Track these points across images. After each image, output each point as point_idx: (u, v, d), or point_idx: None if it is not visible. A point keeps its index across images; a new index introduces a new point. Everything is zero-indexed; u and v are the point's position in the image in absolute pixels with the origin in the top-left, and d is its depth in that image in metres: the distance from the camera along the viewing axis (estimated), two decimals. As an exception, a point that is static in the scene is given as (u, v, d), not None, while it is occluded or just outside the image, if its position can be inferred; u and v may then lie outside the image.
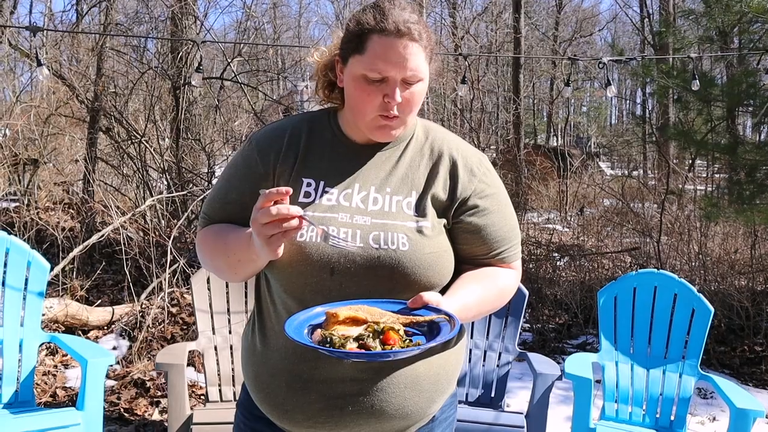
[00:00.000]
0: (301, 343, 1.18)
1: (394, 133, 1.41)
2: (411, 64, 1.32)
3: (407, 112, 1.38)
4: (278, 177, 1.42)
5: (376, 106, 1.35)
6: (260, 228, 1.22)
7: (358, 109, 1.38)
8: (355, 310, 1.23)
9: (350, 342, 1.18)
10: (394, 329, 1.20)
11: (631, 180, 11.87)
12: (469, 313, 1.36)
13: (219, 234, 1.43)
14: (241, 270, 1.39)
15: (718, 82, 7.96)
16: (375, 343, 1.19)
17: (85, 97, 7.32)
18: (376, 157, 1.44)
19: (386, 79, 1.33)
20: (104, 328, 4.79)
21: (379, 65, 1.32)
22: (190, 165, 7.75)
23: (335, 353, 1.17)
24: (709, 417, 4.07)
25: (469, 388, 3.33)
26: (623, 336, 3.32)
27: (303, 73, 16.08)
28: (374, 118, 1.37)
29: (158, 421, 3.57)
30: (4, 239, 3.13)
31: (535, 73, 22.24)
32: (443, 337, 1.19)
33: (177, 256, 4.94)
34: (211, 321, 3.26)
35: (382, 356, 1.17)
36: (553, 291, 6.10)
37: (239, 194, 1.44)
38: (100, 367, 2.80)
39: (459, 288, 1.38)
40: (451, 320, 1.23)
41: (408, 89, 1.35)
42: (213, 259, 1.45)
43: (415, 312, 1.27)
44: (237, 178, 1.46)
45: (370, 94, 1.34)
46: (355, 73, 1.35)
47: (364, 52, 1.33)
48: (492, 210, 1.44)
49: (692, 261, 6.44)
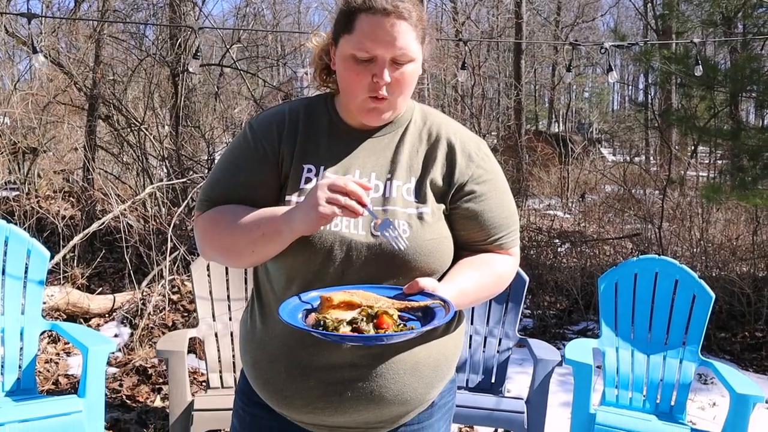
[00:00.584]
0: (294, 326, 1.17)
1: (384, 117, 1.39)
2: (399, 43, 1.31)
3: (397, 94, 1.36)
4: (282, 161, 1.41)
5: (365, 87, 1.34)
6: (326, 191, 1.21)
7: (348, 90, 1.37)
8: (350, 295, 1.23)
9: (344, 325, 1.18)
10: (388, 313, 1.20)
11: (632, 166, 11.85)
12: (466, 299, 1.36)
13: (235, 212, 1.37)
14: (261, 247, 1.33)
15: (721, 67, 7.92)
16: (368, 327, 1.18)
17: (83, 85, 7.29)
18: (375, 143, 1.43)
19: (375, 59, 1.32)
20: (105, 316, 4.79)
21: (367, 44, 1.31)
22: (190, 152, 7.73)
23: (328, 336, 1.17)
24: (710, 402, 4.08)
25: (470, 374, 3.33)
26: (624, 322, 3.32)
27: (303, 59, 16.00)
28: (364, 100, 1.35)
29: (160, 407, 3.59)
30: (3, 228, 3.13)
31: (537, 58, 22.12)
32: (438, 322, 1.19)
33: (177, 243, 4.93)
34: (211, 308, 3.27)
35: (374, 339, 1.17)
36: (554, 277, 6.10)
37: (247, 176, 1.41)
38: (101, 355, 2.80)
39: (456, 274, 1.37)
40: (446, 305, 1.22)
41: (398, 69, 1.33)
42: (224, 238, 1.37)
43: (410, 297, 1.26)
44: (243, 160, 1.42)
45: (359, 74, 1.33)
46: (345, 53, 1.34)
47: (353, 31, 1.32)
48: (490, 196, 1.43)
49: (694, 247, 6.43)
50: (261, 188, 1.40)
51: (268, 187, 1.39)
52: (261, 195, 1.39)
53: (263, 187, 1.40)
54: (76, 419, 2.70)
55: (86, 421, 2.72)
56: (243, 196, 1.40)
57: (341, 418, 1.36)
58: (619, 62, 25.10)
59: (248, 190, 1.40)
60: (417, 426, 1.44)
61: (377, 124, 1.41)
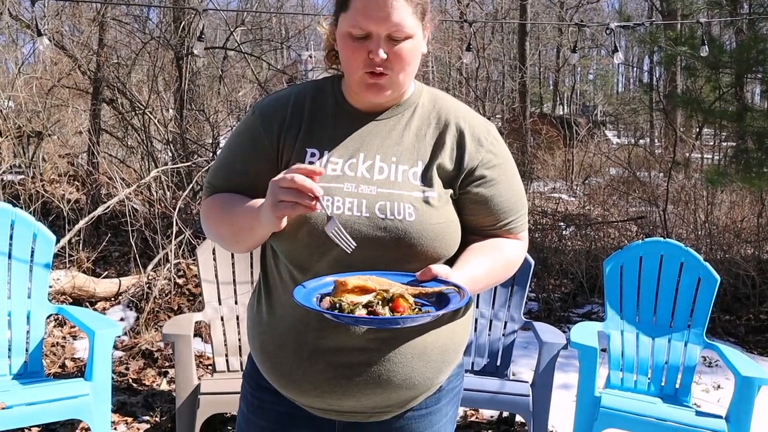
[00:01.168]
0: (310, 308, 1.17)
1: (386, 93, 1.37)
2: (394, 19, 1.29)
3: (397, 70, 1.35)
4: (283, 147, 1.40)
5: (362, 63, 1.33)
6: (276, 190, 1.21)
7: (347, 67, 1.36)
8: (364, 280, 1.22)
9: (359, 309, 1.17)
10: (404, 297, 1.20)
11: (637, 149, 11.81)
12: (477, 285, 1.35)
13: (225, 202, 1.42)
14: (243, 239, 1.38)
15: (727, 48, 7.85)
16: (384, 310, 1.18)
17: (87, 68, 7.27)
18: (381, 125, 1.42)
19: (369, 35, 1.31)
20: (111, 300, 4.81)
21: (361, 21, 1.30)
22: (195, 136, 7.72)
23: (344, 318, 1.16)
24: (714, 385, 4.09)
25: (475, 357, 3.34)
26: (629, 305, 3.33)
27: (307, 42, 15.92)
28: (362, 76, 1.34)
29: (166, 391, 3.61)
30: (9, 211, 3.14)
31: (541, 40, 21.99)
32: (454, 306, 1.18)
33: (182, 227, 4.94)
34: (217, 291, 3.28)
35: (391, 322, 1.17)
36: (559, 260, 6.10)
37: (244, 164, 1.42)
38: (107, 339, 2.82)
39: (467, 260, 1.37)
40: (460, 291, 1.22)
41: (395, 45, 1.32)
42: (217, 227, 1.43)
43: (423, 284, 1.26)
44: (241, 148, 1.44)
45: (354, 51, 1.32)
46: (342, 31, 1.34)
47: (348, 9, 1.32)
48: (499, 180, 1.43)
49: (698, 230, 6.42)
50: (256, 177, 1.40)
51: (264, 176, 1.37)
52: (258, 182, 1.39)
53: (259, 176, 1.39)
54: (82, 402, 2.72)
55: (93, 404, 2.75)
56: (240, 183, 1.42)
57: (349, 402, 1.36)
58: (624, 43, 24.92)
59: (245, 177, 1.42)
60: (425, 410, 1.44)
61: (379, 100, 1.40)
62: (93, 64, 7.35)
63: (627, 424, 2.84)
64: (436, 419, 1.47)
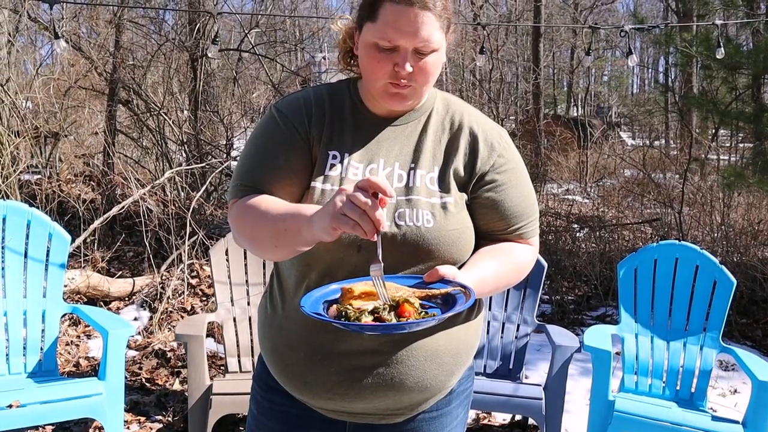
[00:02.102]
0: (316, 317, 1.17)
1: (408, 103, 1.38)
2: (423, 34, 1.29)
3: (421, 82, 1.35)
4: (313, 144, 1.40)
5: (386, 74, 1.32)
6: (345, 202, 1.12)
7: (368, 76, 1.36)
8: (371, 285, 1.22)
9: (365, 315, 1.17)
10: (410, 302, 1.19)
11: (652, 150, 11.71)
12: (485, 287, 1.35)
13: (266, 203, 1.34)
14: (284, 243, 1.29)
15: (743, 49, 7.78)
16: (390, 316, 1.18)
17: (104, 70, 7.33)
18: (398, 131, 1.42)
19: (397, 48, 1.30)
20: (125, 299, 4.84)
21: (390, 34, 1.29)
22: (209, 137, 7.76)
23: (349, 326, 1.16)
24: (731, 389, 4.04)
25: (488, 360, 3.33)
26: (643, 308, 3.30)
27: (321, 44, 15.95)
28: (385, 85, 1.34)
29: (179, 390, 3.62)
30: (26, 211, 3.17)
31: (555, 42, 21.90)
32: (459, 308, 1.18)
33: (196, 228, 4.97)
34: (230, 292, 3.29)
35: (397, 328, 1.16)
36: (573, 262, 6.06)
37: (287, 159, 1.38)
38: (120, 338, 2.84)
39: (476, 263, 1.36)
40: (466, 292, 1.21)
41: (421, 59, 1.31)
42: (254, 228, 1.34)
43: (431, 285, 1.26)
44: (279, 144, 1.40)
45: (380, 61, 1.31)
46: (367, 41, 1.33)
47: (376, 19, 1.31)
48: (510, 185, 1.42)
49: (714, 232, 6.36)
50: (300, 172, 1.38)
51: (306, 171, 1.37)
52: (300, 179, 1.37)
53: (303, 171, 1.38)
54: (96, 401, 2.74)
55: (106, 403, 2.76)
56: (284, 179, 1.37)
57: (361, 405, 1.36)
58: (639, 45, 24.77)
59: (290, 172, 1.37)
60: (436, 413, 1.44)
61: (401, 108, 1.40)
62: (109, 66, 7.40)
63: (641, 428, 2.81)
64: (447, 421, 1.47)
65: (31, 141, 6.96)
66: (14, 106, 6.24)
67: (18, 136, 6.25)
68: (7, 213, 3.13)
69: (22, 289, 3.12)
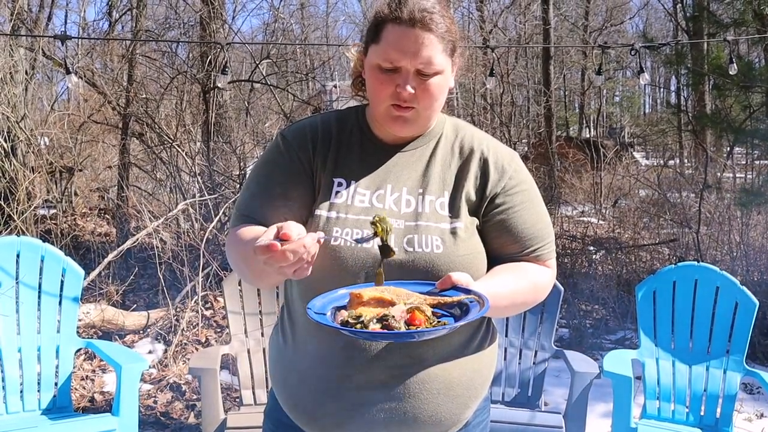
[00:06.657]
0: (322, 324, 1.14)
1: (411, 127, 1.37)
2: (424, 54, 1.29)
3: (424, 106, 1.34)
4: (315, 172, 1.39)
5: (388, 96, 1.32)
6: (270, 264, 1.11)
7: (372, 99, 1.36)
8: (380, 291, 1.19)
9: (374, 322, 1.13)
10: (420, 309, 1.15)
11: (667, 169, 11.63)
12: (501, 301, 1.30)
13: (251, 230, 1.34)
14: (254, 270, 1.30)
15: (756, 66, 7.74)
16: (400, 324, 1.13)
17: (117, 104, 7.41)
18: (407, 157, 1.42)
19: (399, 69, 1.30)
20: (140, 332, 4.83)
21: (391, 54, 1.30)
22: (222, 168, 7.80)
23: (357, 334, 1.13)
24: (757, 413, 3.94)
25: (505, 388, 3.27)
26: (663, 331, 3.23)
27: (332, 72, 16.07)
28: (387, 108, 1.34)
29: (194, 424, 3.59)
30: (39, 247, 3.18)
31: (566, 64, 21.94)
32: (472, 316, 1.14)
33: (210, 259, 4.96)
34: (243, 323, 3.26)
35: (406, 336, 1.12)
36: (589, 285, 5.99)
37: (284, 188, 1.39)
38: (134, 373, 2.82)
39: (490, 277, 1.34)
40: (480, 300, 1.17)
41: (424, 81, 1.31)
42: (236, 260, 1.37)
43: (443, 293, 1.22)
44: (278, 172, 1.40)
45: (383, 83, 1.32)
46: (371, 63, 1.34)
47: (379, 41, 1.32)
48: (522, 207, 1.40)
49: (733, 251, 6.26)
50: (298, 200, 1.38)
51: (304, 199, 1.38)
52: (298, 206, 1.37)
53: (300, 199, 1.38)
54: (110, 438, 2.71)
55: (121, 439, 2.73)
56: (280, 208, 1.37)
57: (373, 440, 1.33)
58: (650, 64, 24.75)
59: (285, 201, 1.38)
60: (451, 448, 1.40)
61: (404, 133, 1.39)
62: (122, 100, 7.49)
63: (665, 455, 2.75)
64: (464, 456, 1.42)
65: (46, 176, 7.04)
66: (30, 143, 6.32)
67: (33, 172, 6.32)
68: (21, 249, 3.14)
69: (36, 325, 3.12)
